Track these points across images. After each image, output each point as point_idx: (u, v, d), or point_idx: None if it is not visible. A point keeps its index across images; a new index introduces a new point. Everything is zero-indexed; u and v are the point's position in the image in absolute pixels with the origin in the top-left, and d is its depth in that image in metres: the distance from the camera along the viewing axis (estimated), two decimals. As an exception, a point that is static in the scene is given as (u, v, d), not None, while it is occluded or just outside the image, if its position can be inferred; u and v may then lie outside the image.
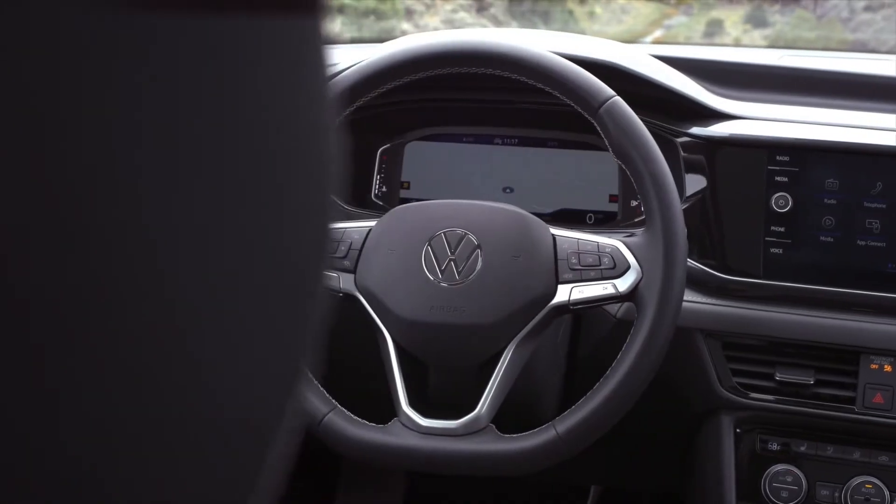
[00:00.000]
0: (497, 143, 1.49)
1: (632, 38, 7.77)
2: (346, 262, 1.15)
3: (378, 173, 1.51)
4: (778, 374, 1.29)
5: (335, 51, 1.51)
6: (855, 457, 1.29)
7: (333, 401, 1.14)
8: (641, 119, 1.36)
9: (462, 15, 7.58)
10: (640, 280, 1.09)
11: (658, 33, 7.82)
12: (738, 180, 1.31)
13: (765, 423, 1.33)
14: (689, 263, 1.31)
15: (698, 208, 1.32)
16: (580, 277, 1.10)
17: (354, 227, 1.18)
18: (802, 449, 1.31)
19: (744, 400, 1.31)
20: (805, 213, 1.28)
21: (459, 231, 1.13)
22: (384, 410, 1.13)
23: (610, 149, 1.12)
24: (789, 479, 1.29)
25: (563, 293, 1.10)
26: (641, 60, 1.41)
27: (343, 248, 1.16)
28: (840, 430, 1.29)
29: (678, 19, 8.13)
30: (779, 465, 1.30)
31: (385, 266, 1.14)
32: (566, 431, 1.08)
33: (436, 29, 7.55)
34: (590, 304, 1.11)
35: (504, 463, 1.09)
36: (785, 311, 1.30)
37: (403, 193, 1.51)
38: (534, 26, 7.67)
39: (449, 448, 1.09)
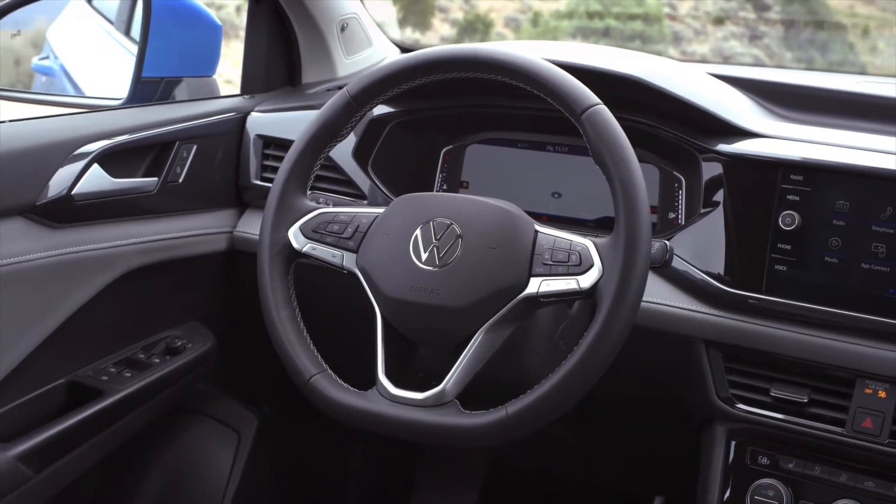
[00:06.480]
0: (549, 150, 1.57)
1: (917, 75, 7.30)
2: (351, 243, 1.27)
3: (441, 172, 1.64)
4: (773, 391, 1.30)
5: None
6: (841, 479, 1.28)
7: (324, 364, 1.25)
8: (668, 132, 1.42)
9: (733, 43, 7.41)
10: (601, 278, 1.13)
11: (946, 71, 7.32)
12: (751, 196, 1.33)
13: (757, 436, 1.34)
14: (695, 274, 1.35)
15: (712, 221, 1.35)
16: (549, 272, 1.16)
17: (364, 213, 1.29)
18: (790, 466, 1.31)
19: (736, 412, 1.33)
20: (812, 232, 1.29)
21: (447, 221, 1.22)
22: (372, 379, 1.23)
23: (590, 153, 1.18)
24: (771, 493, 1.30)
25: (534, 285, 1.16)
26: (682, 79, 1.44)
27: (350, 230, 1.28)
28: (828, 450, 1.28)
29: (970, 57, 7.55)
30: (765, 479, 1.31)
31: (380, 248, 1.24)
32: (515, 413, 1.13)
33: (703, 58, 7.44)
34: (556, 298, 1.17)
35: (457, 435, 1.17)
36: (786, 328, 1.31)
37: (462, 192, 1.61)
38: (811, 57, 7.39)
39: (411, 416, 1.18)
